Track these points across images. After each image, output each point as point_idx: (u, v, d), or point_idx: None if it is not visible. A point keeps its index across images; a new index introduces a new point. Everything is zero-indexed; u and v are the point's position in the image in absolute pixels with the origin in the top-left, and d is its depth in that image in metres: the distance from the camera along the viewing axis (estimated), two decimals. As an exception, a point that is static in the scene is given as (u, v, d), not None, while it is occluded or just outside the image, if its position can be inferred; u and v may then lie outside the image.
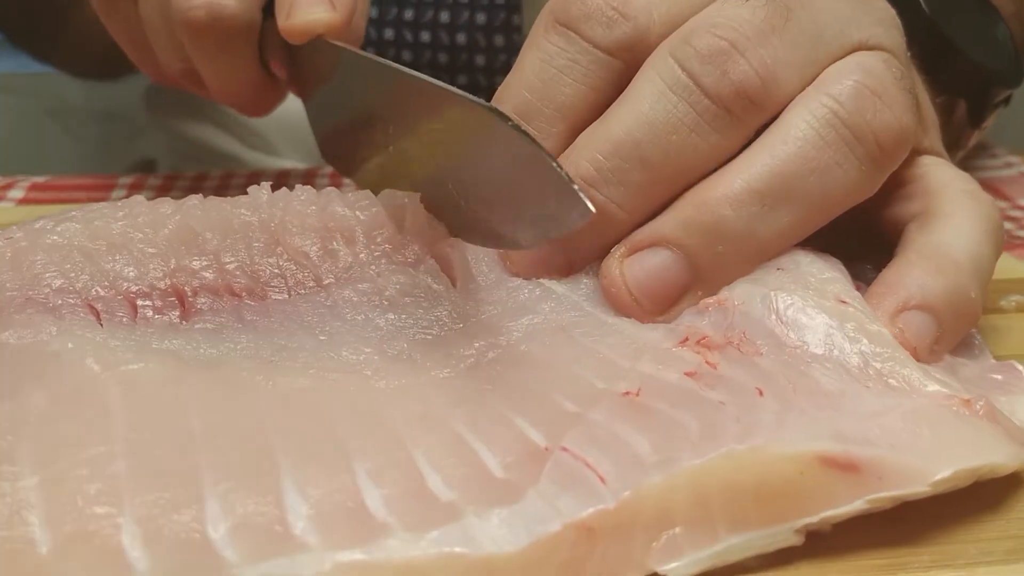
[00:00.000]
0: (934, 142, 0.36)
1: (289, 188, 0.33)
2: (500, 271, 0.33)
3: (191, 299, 0.30)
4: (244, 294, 0.31)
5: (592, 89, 0.32)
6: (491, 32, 0.62)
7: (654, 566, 0.25)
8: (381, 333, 0.30)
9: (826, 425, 0.26)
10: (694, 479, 0.25)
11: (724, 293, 0.31)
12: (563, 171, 0.27)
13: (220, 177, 0.58)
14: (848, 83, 0.31)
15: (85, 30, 0.52)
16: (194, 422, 0.26)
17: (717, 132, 0.31)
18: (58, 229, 0.31)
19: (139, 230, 0.31)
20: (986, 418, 0.27)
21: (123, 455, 0.24)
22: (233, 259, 0.31)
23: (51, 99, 1.18)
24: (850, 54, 0.32)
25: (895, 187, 0.34)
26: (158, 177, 0.58)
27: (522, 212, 0.29)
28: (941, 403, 0.27)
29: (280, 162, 0.70)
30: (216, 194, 0.33)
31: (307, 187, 0.33)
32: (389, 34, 0.63)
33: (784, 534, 0.25)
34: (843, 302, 0.30)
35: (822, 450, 0.25)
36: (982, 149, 0.62)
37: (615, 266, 0.31)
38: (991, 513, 0.27)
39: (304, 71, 0.43)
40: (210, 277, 0.31)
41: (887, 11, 0.34)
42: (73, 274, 0.30)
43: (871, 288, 0.32)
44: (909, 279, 0.31)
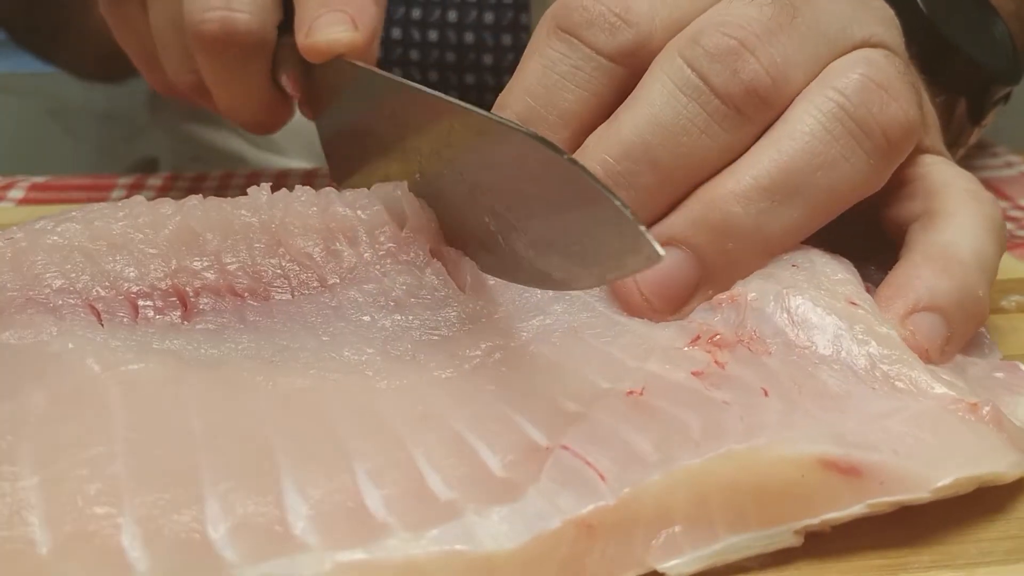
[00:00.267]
0: (935, 141, 0.36)
1: (289, 188, 0.33)
2: None
3: (193, 299, 0.30)
4: (247, 295, 0.31)
5: (595, 95, 0.32)
6: (499, 31, 0.62)
7: (653, 564, 0.25)
8: (386, 334, 0.30)
9: (829, 428, 0.26)
10: (694, 478, 0.25)
11: (738, 288, 0.31)
12: (628, 211, 0.25)
13: (220, 177, 0.58)
14: (853, 77, 0.31)
15: (90, 32, 0.52)
16: (194, 422, 0.26)
17: (727, 132, 0.31)
18: (58, 229, 0.31)
19: (139, 230, 0.31)
20: (991, 423, 0.27)
21: (123, 455, 0.24)
22: (234, 260, 0.31)
23: (51, 99, 1.18)
24: (853, 51, 0.32)
25: (897, 187, 0.34)
26: (158, 177, 0.58)
27: (578, 253, 0.27)
28: (947, 407, 0.27)
29: (285, 161, 0.70)
30: (216, 194, 0.33)
31: (307, 187, 0.33)
32: (396, 33, 0.63)
33: (783, 535, 0.25)
34: (854, 304, 0.30)
35: (823, 453, 0.25)
36: (983, 148, 0.62)
37: None
38: (991, 513, 0.27)
39: (319, 90, 0.42)
40: (211, 277, 0.31)
41: (886, 11, 0.34)
42: (74, 274, 0.30)
43: (879, 291, 0.31)
44: (917, 281, 0.31)
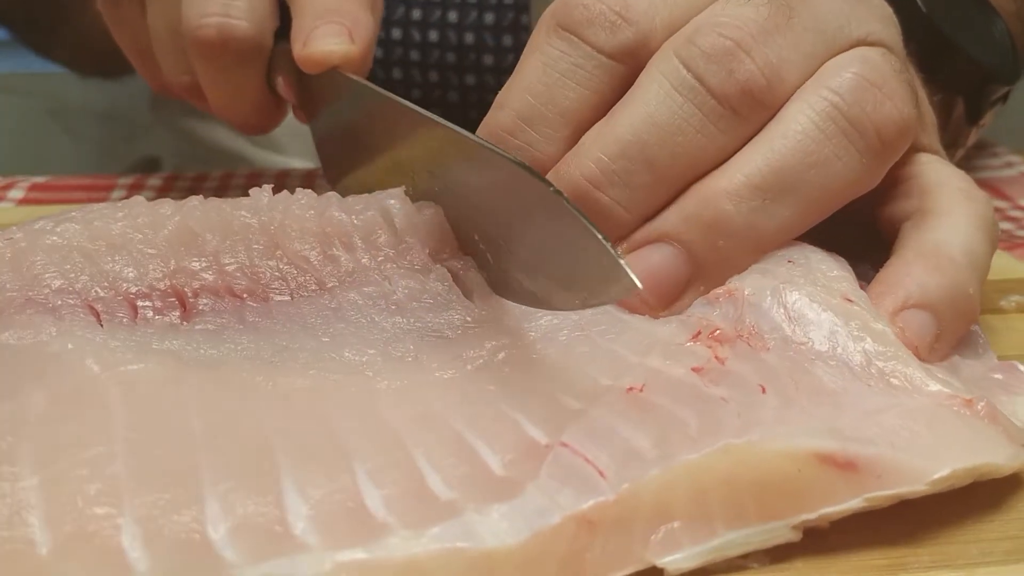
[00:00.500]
0: (931, 139, 0.36)
1: (290, 190, 0.33)
2: None
3: (192, 300, 0.30)
4: (246, 295, 0.31)
5: (596, 94, 0.32)
6: (499, 32, 0.62)
7: (653, 559, 0.25)
8: (387, 335, 0.30)
9: (825, 423, 0.26)
10: (692, 474, 0.25)
11: (735, 283, 0.31)
12: (609, 244, 0.26)
13: (220, 177, 0.58)
14: (847, 75, 0.31)
15: (88, 28, 0.52)
16: (194, 422, 0.26)
17: (722, 132, 0.31)
18: (58, 230, 0.31)
19: (139, 231, 0.31)
20: (987, 418, 0.27)
21: (123, 455, 0.24)
22: (233, 260, 0.31)
23: (51, 99, 1.18)
24: (850, 49, 0.32)
25: (892, 185, 0.34)
26: (158, 177, 0.58)
27: (560, 277, 0.28)
28: (942, 403, 0.27)
29: (286, 160, 0.70)
30: (216, 194, 0.33)
31: (307, 191, 0.33)
32: (396, 33, 0.63)
33: (781, 530, 0.25)
34: (849, 300, 0.30)
35: (820, 447, 0.26)
36: (983, 148, 0.62)
37: None
38: (991, 513, 0.27)
39: (312, 96, 0.42)
40: (211, 278, 0.31)
41: (884, 9, 0.34)
42: (73, 275, 0.30)
43: (870, 288, 0.32)
44: (907, 278, 0.31)
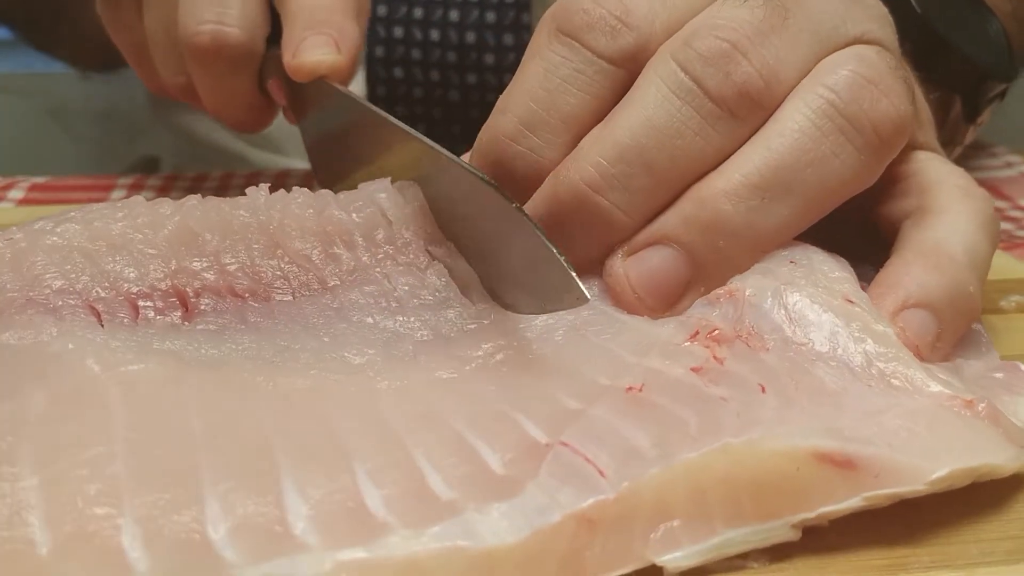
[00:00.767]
0: (929, 137, 0.36)
1: (287, 189, 0.33)
2: None
3: (193, 300, 0.30)
4: (247, 295, 0.31)
5: (597, 99, 0.32)
6: (500, 31, 0.62)
7: (652, 557, 0.25)
8: (387, 335, 0.30)
9: (824, 422, 0.26)
10: (691, 472, 0.25)
11: (736, 284, 0.31)
12: (561, 257, 0.28)
13: (220, 177, 0.58)
14: (843, 73, 0.31)
15: (89, 25, 0.53)
16: (194, 422, 0.26)
17: (720, 134, 0.31)
18: (58, 230, 0.31)
19: (139, 231, 0.31)
20: (987, 419, 0.27)
21: (123, 455, 0.24)
22: (234, 260, 0.31)
23: (51, 99, 1.18)
24: (845, 48, 0.32)
25: (890, 183, 0.34)
26: (158, 177, 0.58)
27: (524, 285, 0.30)
28: (943, 403, 0.27)
29: (285, 160, 0.70)
30: (216, 194, 0.33)
31: (304, 189, 0.33)
32: (398, 32, 0.63)
33: (780, 529, 0.25)
34: (850, 301, 0.30)
35: (818, 446, 0.26)
36: (982, 148, 0.62)
37: (618, 265, 0.31)
38: (992, 513, 0.27)
39: (301, 98, 0.44)
40: (212, 278, 0.31)
41: (879, 8, 0.34)
42: (73, 275, 0.30)
43: (870, 288, 0.32)
44: (908, 277, 0.31)
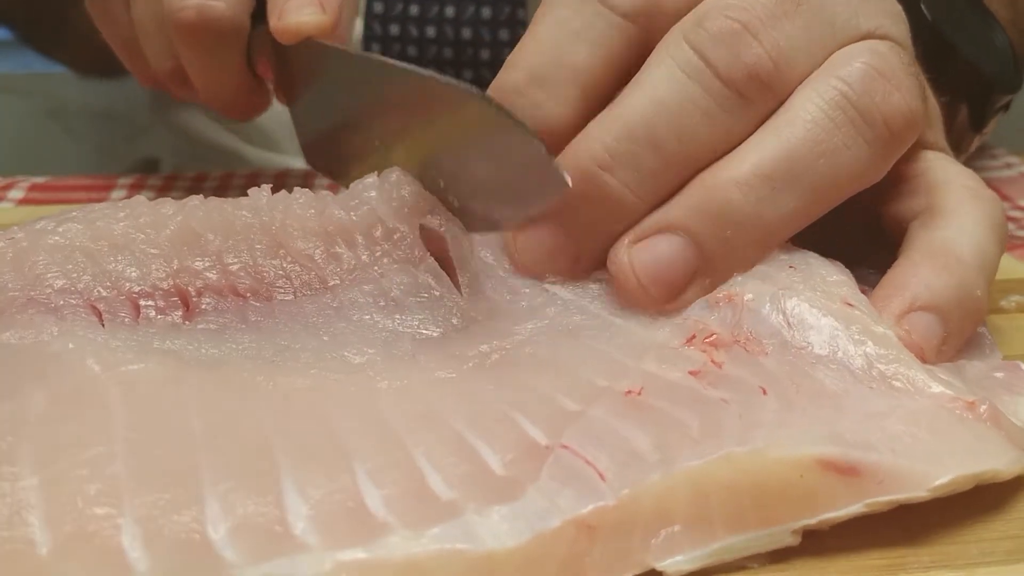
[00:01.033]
0: (938, 136, 0.36)
1: (288, 190, 0.33)
2: (502, 275, 0.32)
3: (195, 299, 0.30)
4: (249, 295, 0.31)
5: (607, 52, 0.32)
6: (496, 26, 0.62)
7: (653, 563, 0.25)
8: (386, 334, 0.30)
9: (827, 427, 0.26)
10: (693, 479, 0.25)
11: (735, 288, 0.31)
12: (539, 141, 0.27)
13: (220, 177, 0.58)
14: (857, 65, 0.31)
15: (88, 27, 0.53)
16: (194, 422, 0.26)
17: (729, 115, 0.30)
18: (60, 230, 0.31)
19: (141, 231, 0.31)
20: (989, 421, 0.27)
21: (123, 455, 0.24)
22: (236, 260, 0.31)
23: (51, 99, 1.18)
24: (859, 41, 0.32)
25: (898, 183, 0.34)
26: (158, 177, 0.58)
27: (502, 191, 0.29)
28: (944, 405, 0.27)
29: (284, 159, 0.70)
30: (216, 194, 0.33)
31: (305, 190, 0.33)
32: (394, 30, 0.63)
33: (782, 535, 0.25)
34: (849, 305, 0.30)
35: (822, 454, 0.25)
36: (982, 149, 0.62)
37: (623, 253, 0.31)
38: (992, 513, 0.27)
39: (291, 74, 0.44)
40: (213, 278, 0.31)
41: (893, 5, 0.34)
42: (75, 275, 0.30)
43: (877, 289, 0.31)
44: (915, 279, 0.31)
